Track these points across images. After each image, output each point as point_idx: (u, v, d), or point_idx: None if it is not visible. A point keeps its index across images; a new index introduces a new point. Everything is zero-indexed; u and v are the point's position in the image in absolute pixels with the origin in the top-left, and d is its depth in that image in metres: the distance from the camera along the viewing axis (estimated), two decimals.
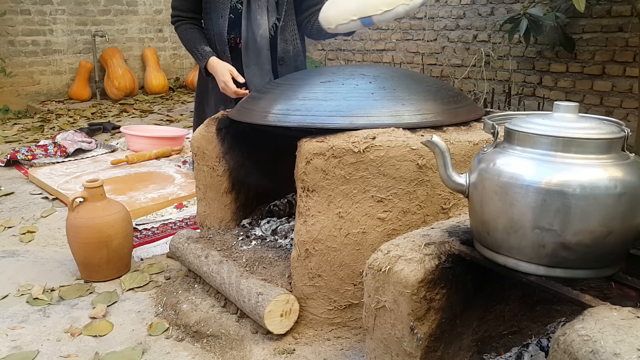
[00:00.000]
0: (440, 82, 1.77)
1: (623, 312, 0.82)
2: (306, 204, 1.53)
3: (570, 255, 0.94)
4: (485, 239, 1.05)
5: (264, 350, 1.57)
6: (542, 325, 1.32)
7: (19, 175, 3.52)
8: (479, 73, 4.70)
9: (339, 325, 1.61)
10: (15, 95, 6.00)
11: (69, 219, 2.05)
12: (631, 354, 0.73)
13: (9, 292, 2.04)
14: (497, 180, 0.98)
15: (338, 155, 1.44)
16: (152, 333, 1.76)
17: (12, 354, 1.66)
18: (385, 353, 1.19)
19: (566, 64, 4.14)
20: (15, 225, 2.69)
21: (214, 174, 1.94)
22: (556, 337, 0.82)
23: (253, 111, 1.69)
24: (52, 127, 5.00)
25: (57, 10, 6.16)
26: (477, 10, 4.70)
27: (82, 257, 2.08)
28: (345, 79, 1.64)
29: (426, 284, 1.10)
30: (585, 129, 0.95)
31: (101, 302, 1.94)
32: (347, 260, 1.53)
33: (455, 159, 1.46)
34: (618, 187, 0.90)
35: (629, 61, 3.77)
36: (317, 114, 1.53)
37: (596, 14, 3.90)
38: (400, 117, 1.51)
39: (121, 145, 4.15)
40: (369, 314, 1.21)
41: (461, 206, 1.53)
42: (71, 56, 6.36)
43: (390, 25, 5.45)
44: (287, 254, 1.78)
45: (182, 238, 1.99)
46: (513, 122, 1.03)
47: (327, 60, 6.28)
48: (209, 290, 1.86)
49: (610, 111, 3.92)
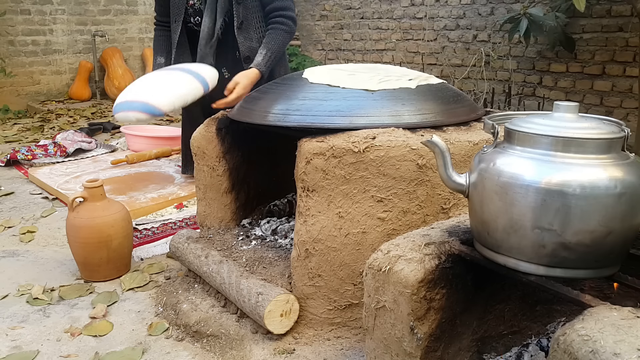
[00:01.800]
0: (440, 82, 1.77)
1: (623, 312, 0.82)
2: (306, 203, 1.53)
3: (570, 255, 0.94)
4: (485, 239, 1.05)
5: (264, 350, 1.57)
6: (542, 325, 1.32)
7: (19, 175, 3.52)
8: (479, 73, 4.70)
9: (339, 325, 1.61)
10: (15, 95, 5.99)
11: (69, 219, 2.05)
12: (631, 354, 0.73)
13: (9, 292, 2.04)
14: (497, 180, 0.98)
15: (338, 155, 1.44)
16: (152, 333, 1.76)
17: (12, 354, 1.66)
18: (385, 353, 1.19)
19: (566, 64, 4.14)
20: (15, 225, 2.69)
21: (214, 173, 1.94)
22: (556, 337, 0.82)
23: (253, 111, 1.69)
24: (52, 127, 5.00)
25: (57, 10, 6.16)
26: (477, 10, 4.70)
27: (82, 257, 2.08)
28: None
29: (426, 284, 1.10)
30: (585, 129, 0.95)
31: (101, 302, 1.94)
32: (347, 260, 1.53)
33: (455, 159, 1.46)
34: (618, 187, 0.90)
35: (629, 61, 3.77)
36: (317, 113, 1.53)
37: (596, 13, 3.90)
38: (400, 117, 1.51)
39: (121, 145, 4.15)
40: (369, 314, 1.21)
41: (461, 206, 1.53)
42: (71, 56, 6.36)
43: (390, 25, 5.46)
44: (287, 254, 1.78)
45: (182, 238, 1.99)
46: (513, 122, 1.03)
47: (327, 60, 6.28)
48: (209, 290, 1.86)
49: (610, 111, 3.92)
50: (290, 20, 2.25)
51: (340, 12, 6.02)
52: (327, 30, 6.27)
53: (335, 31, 6.16)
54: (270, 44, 2.23)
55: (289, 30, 2.24)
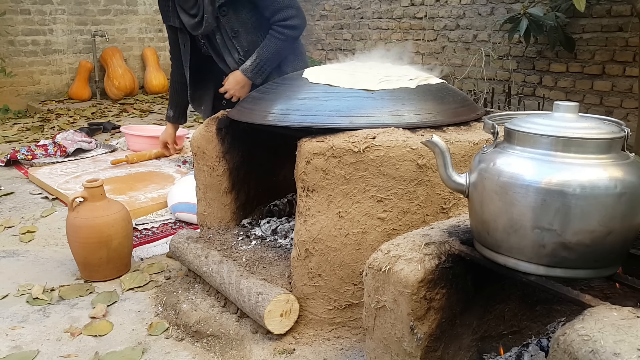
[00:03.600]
0: (440, 82, 1.77)
1: (623, 312, 0.82)
2: (306, 203, 1.53)
3: (570, 255, 0.94)
4: (485, 238, 1.05)
5: (264, 350, 1.57)
6: (542, 325, 1.32)
7: (19, 175, 3.52)
8: (479, 73, 4.70)
9: (339, 325, 1.61)
10: (15, 95, 6.00)
11: (69, 219, 2.05)
12: (631, 353, 0.73)
13: (9, 292, 2.04)
14: (497, 180, 0.98)
15: (338, 155, 1.44)
16: (152, 333, 1.76)
17: (12, 354, 1.66)
18: (385, 353, 1.19)
19: (566, 64, 4.14)
20: (15, 225, 2.69)
21: (214, 173, 1.94)
22: (556, 337, 0.82)
23: (253, 111, 1.69)
24: (52, 127, 5.00)
25: (57, 10, 6.16)
26: (477, 10, 4.70)
27: (82, 257, 2.08)
28: None
29: (426, 283, 1.10)
30: (585, 129, 0.95)
31: (101, 302, 1.94)
32: (347, 260, 1.53)
33: (455, 158, 1.46)
34: (618, 187, 0.90)
35: (629, 61, 3.77)
36: (317, 113, 1.52)
37: (596, 13, 3.90)
38: (400, 117, 1.51)
39: (121, 145, 4.15)
40: (369, 314, 1.21)
41: (461, 206, 1.53)
42: (71, 56, 6.36)
43: (390, 25, 5.46)
44: (287, 253, 1.78)
45: (182, 238, 1.99)
46: (513, 122, 1.03)
47: (327, 60, 6.28)
48: (209, 290, 1.86)
49: (610, 111, 3.92)
50: (288, 30, 2.25)
51: (340, 12, 6.02)
52: (327, 30, 6.27)
53: (335, 31, 6.16)
54: (261, 51, 2.27)
55: (284, 39, 2.26)
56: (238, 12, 2.27)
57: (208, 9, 2.21)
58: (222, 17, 2.26)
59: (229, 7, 2.24)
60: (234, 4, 2.25)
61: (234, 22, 2.28)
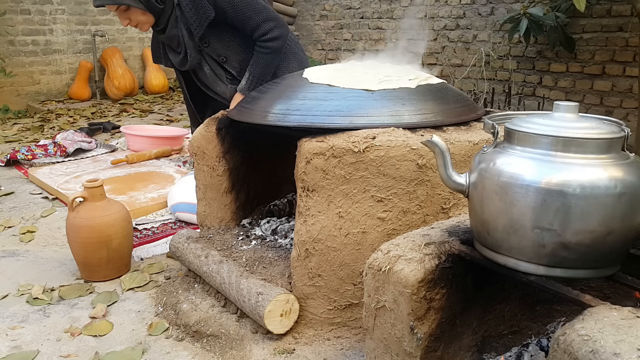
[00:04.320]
0: (440, 82, 1.77)
1: (623, 312, 0.82)
2: (306, 203, 1.53)
3: (570, 255, 0.94)
4: (485, 238, 1.05)
5: (263, 350, 1.57)
6: (542, 325, 1.32)
7: (19, 175, 3.52)
8: (479, 73, 4.70)
9: (339, 325, 1.61)
10: (15, 95, 5.99)
11: (69, 219, 2.05)
12: (631, 353, 0.73)
13: (9, 292, 2.04)
14: (497, 180, 0.98)
15: (338, 155, 1.44)
16: (152, 333, 1.76)
17: (12, 354, 1.66)
18: (385, 353, 1.19)
19: (566, 64, 4.14)
20: (15, 225, 2.69)
21: (214, 173, 1.94)
22: (556, 337, 0.82)
23: (253, 111, 1.69)
24: (52, 127, 5.00)
25: (57, 10, 6.15)
26: (477, 10, 4.70)
27: (82, 257, 2.08)
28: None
29: (426, 283, 1.10)
30: (585, 129, 0.95)
31: (101, 302, 1.94)
32: (347, 260, 1.53)
33: (455, 158, 1.46)
34: (618, 187, 0.90)
35: (629, 61, 3.77)
36: (317, 113, 1.53)
37: (596, 13, 3.90)
38: (400, 117, 1.51)
39: (121, 145, 4.15)
40: (369, 314, 1.21)
41: (461, 206, 1.53)
42: (71, 56, 6.35)
43: (390, 25, 5.46)
44: (287, 253, 1.78)
45: (182, 238, 1.99)
46: (513, 122, 1.03)
47: (327, 60, 6.28)
48: (209, 290, 1.86)
49: (610, 111, 3.92)
50: (271, 42, 2.27)
51: (340, 12, 6.02)
52: (327, 30, 6.27)
53: (335, 31, 6.16)
54: (252, 68, 2.31)
55: (270, 52, 2.30)
56: (221, 38, 2.31)
57: (189, 44, 2.29)
58: (206, 48, 2.32)
59: (210, 37, 2.29)
60: (215, 32, 2.29)
61: (220, 49, 2.33)
